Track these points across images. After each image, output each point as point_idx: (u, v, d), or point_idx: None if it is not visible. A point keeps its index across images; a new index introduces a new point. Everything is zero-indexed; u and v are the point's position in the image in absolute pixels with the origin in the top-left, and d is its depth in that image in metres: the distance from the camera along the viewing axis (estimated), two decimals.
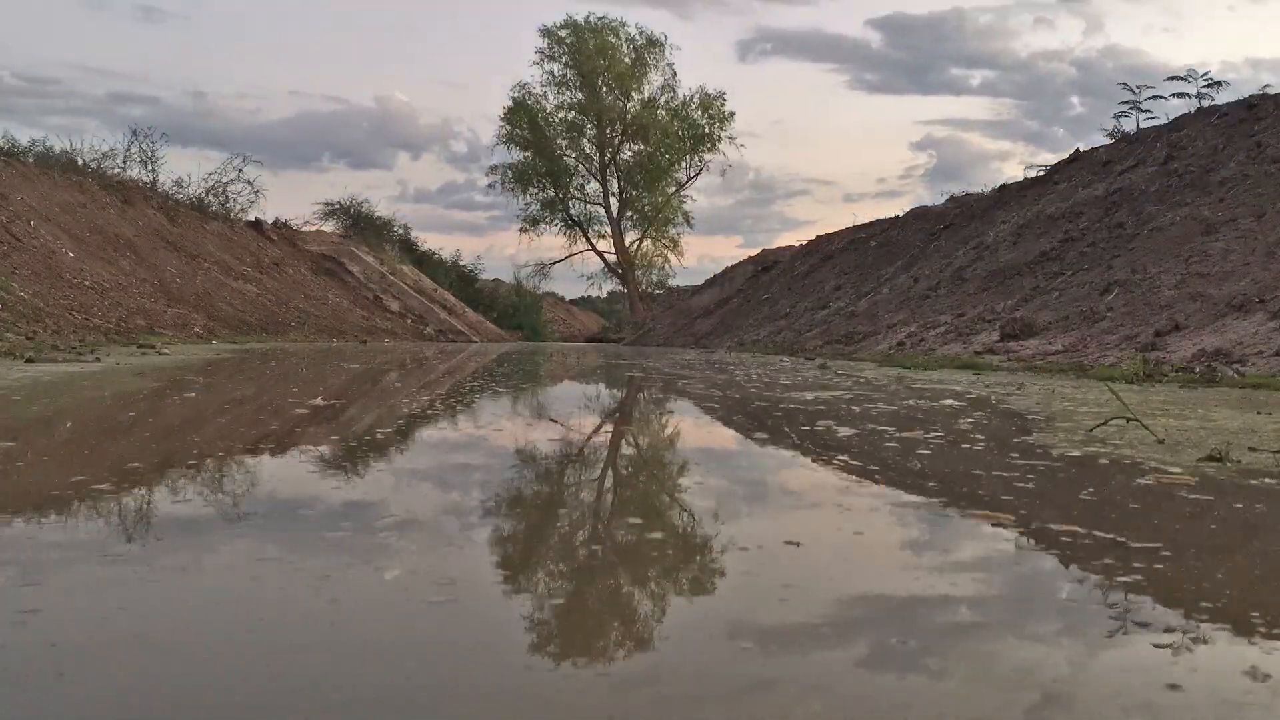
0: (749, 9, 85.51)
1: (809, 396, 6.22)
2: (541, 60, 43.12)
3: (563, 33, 42.33)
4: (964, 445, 3.58)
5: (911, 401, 5.82)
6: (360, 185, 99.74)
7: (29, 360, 7.97)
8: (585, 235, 45.52)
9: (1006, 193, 20.51)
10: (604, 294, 51.22)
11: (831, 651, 1.31)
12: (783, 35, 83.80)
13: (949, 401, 5.71)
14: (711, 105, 43.26)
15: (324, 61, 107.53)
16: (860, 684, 1.20)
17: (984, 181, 53.99)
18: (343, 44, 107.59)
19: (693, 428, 5.06)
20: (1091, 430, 3.90)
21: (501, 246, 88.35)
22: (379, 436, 4.03)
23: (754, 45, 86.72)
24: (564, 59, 42.53)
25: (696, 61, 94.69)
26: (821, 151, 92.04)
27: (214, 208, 29.90)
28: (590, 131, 43.75)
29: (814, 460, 3.38)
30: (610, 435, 4.60)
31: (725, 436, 4.66)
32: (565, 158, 44.19)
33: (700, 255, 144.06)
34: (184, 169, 75.41)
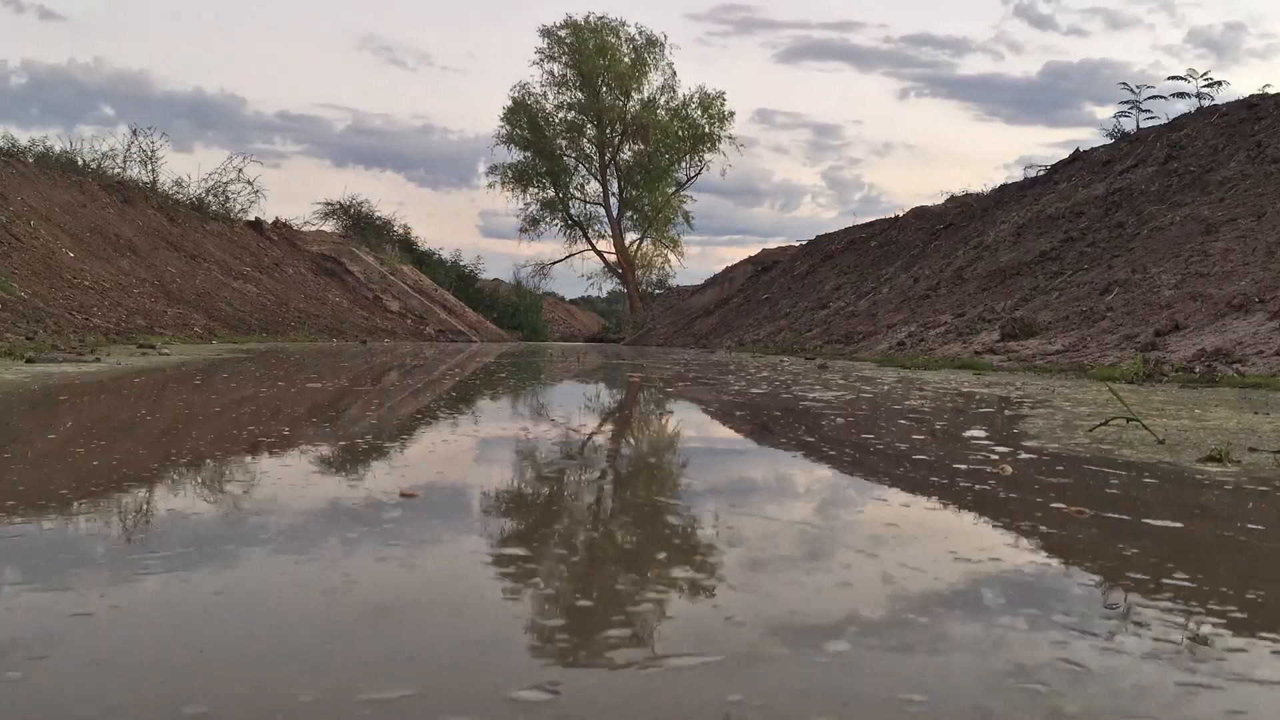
0: (934, 63, 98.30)
1: (825, 397, 6.22)
2: (541, 60, 43.13)
3: (562, 33, 42.31)
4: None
5: (913, 403, 5.82)
6: (491, 200, 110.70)
7: (29, 360, 7.97)
8: (585, 235, 45.53)
9: (1006, 193, 20.51)
10: (604, 294, 51.26)
11: None
12: (938, 80, 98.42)
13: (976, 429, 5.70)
14: (711, 105, 43.22)
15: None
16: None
17: None
18: None
19: (700, 428, 5.07)
20: (1092, 430, 3.90)
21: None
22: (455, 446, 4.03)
23: (910, 90, 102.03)
24: (564, 59, 42.50)
25: (859, 101, 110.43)
26: (935, 170, 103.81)
27: (214, 208, 29.89)
28: (590, 131, 43.70)
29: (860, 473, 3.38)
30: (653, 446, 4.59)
31: (738, 439, 4.66)
32: (565, 158, 44.17)
33: None
34: (369, 186, 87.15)
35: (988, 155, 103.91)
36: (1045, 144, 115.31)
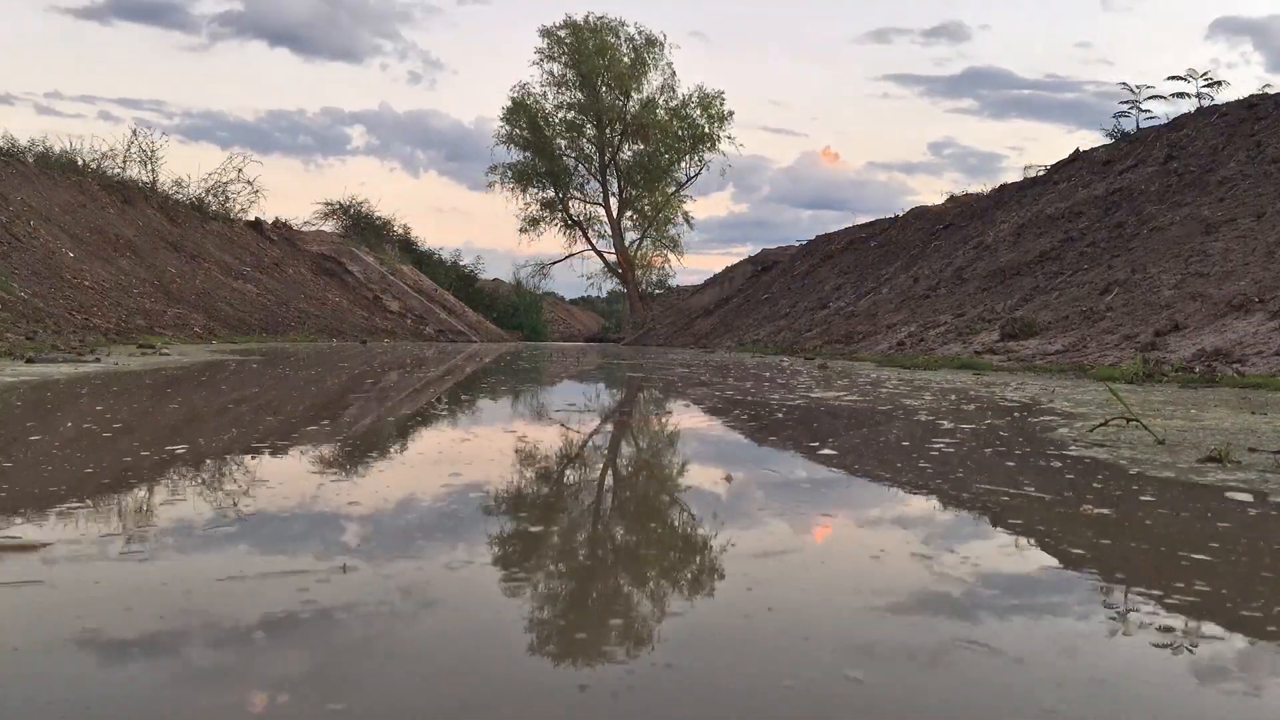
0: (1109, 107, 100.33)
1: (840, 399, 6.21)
2: (541, 60, 43.11)
3: (562, 33, 42.29)
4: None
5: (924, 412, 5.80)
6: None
7: (29, 360, 7.97)
8: (585, 235, 45.50)
9: (1006, 193, 20.50)
10: (604, 294, 51.22)
11: None
12: (1097, 120, 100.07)
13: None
14: (711, 104, 43.17)
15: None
16: None
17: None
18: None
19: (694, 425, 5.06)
20: (1092, 430, 3.89)
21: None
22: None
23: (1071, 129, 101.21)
24: (564, 59, 42.48)
25: (1027, 137, 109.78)
26: None
27: (214, 208, 29.88)
28: (590, 131, 43.67)
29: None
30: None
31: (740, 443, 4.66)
32: (565, 158, 44.14)
33: None
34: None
35: None
36: None
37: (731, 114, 43.45)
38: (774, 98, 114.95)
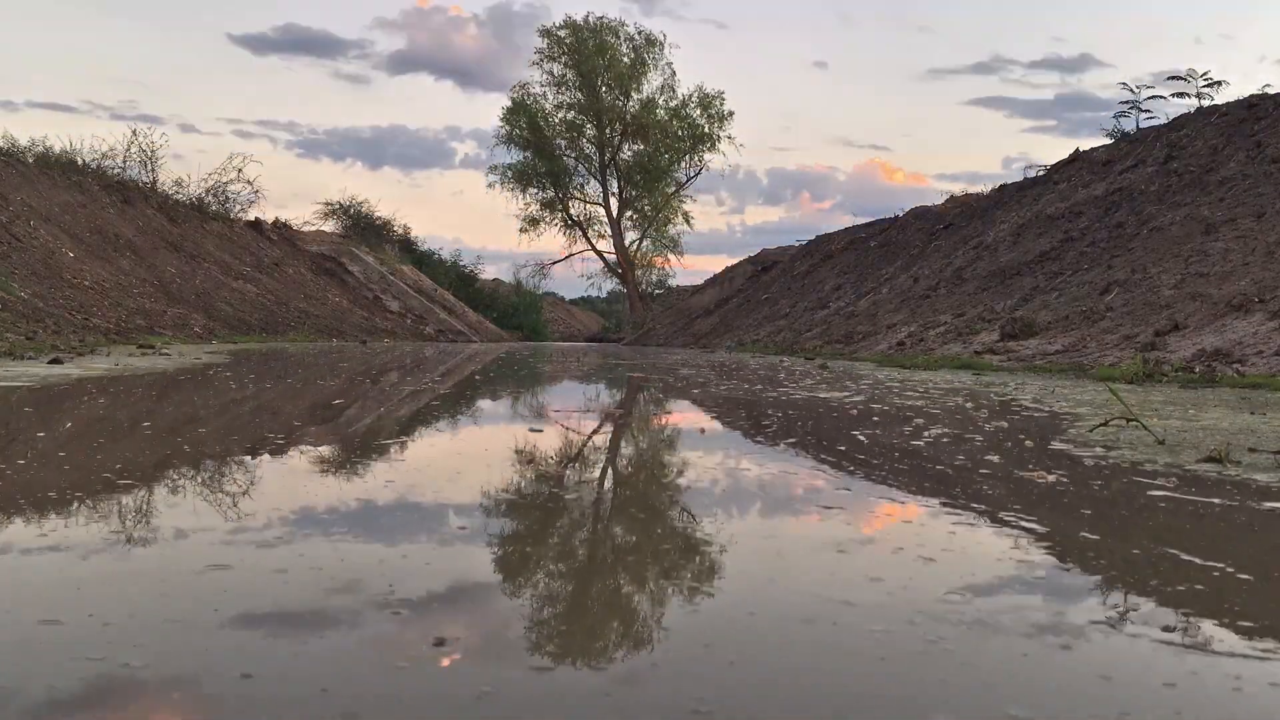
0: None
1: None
2: (541, 60, 43.12)
3: (562, 33, 42.31)
4: None
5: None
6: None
7: (53, 360, 7.98)
8: (585, 235, 45.50)
9: (1006, 193, 20.51)
10: (604, 294, 51.21)
11: None
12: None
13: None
14: (711, 104, 43.16)
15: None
16: None
17: None
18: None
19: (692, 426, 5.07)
20: (1092, 430, 3.90)
21: None
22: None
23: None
24: (564, 59, 42.49)
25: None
26: None
27: (214, 208, 29.87)
28: (590, 131, 43.66)
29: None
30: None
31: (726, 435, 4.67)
32: (565, 158, 44.13)
33: None
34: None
35: None
36: None
37: (731, 114, 43.40)
38: (865, 118, 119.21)
